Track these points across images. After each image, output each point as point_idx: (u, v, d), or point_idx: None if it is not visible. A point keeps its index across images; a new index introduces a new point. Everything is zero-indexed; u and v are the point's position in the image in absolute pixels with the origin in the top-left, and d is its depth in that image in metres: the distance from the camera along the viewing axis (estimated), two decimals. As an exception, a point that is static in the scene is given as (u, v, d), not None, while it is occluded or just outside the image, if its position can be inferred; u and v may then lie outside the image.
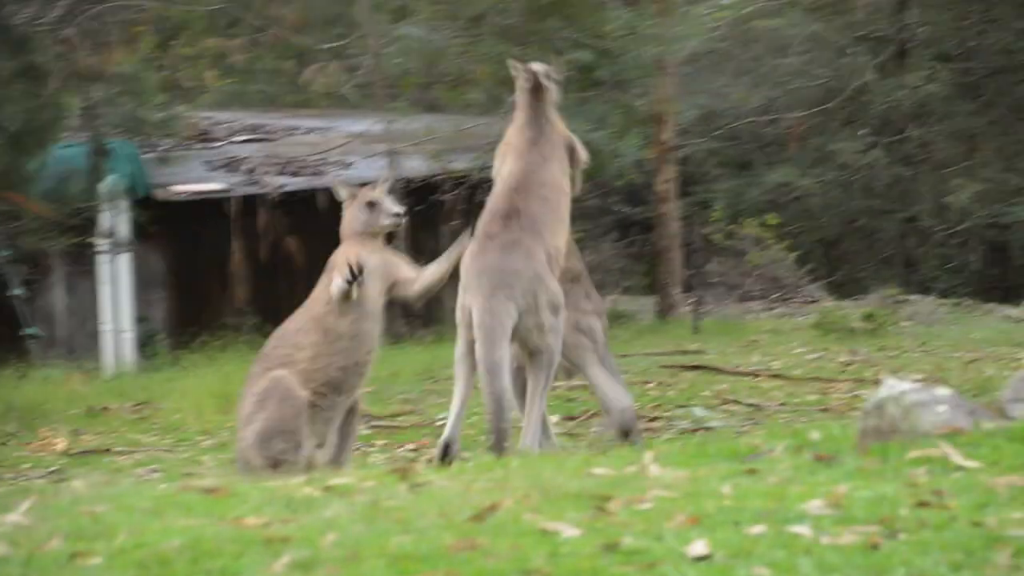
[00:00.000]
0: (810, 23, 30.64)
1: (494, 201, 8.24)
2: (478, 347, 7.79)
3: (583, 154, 8.87)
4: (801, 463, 5.67)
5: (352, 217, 8.88)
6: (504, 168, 8.45)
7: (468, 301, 7.93)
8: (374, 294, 8.68)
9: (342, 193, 8.99)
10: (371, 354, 8.63)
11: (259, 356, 8.67)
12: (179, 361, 18.31)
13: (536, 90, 8.65)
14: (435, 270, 8.72)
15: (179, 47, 27.27)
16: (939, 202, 30.15)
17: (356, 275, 8.36)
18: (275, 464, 8.21)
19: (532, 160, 8.33)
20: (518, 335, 7.89)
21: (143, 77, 19.48)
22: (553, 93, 8.79)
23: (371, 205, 8.88)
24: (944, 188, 30.00)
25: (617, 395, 8.73)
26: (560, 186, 8.34)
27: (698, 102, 28.44)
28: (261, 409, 8.36)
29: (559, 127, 8.70)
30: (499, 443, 7.65)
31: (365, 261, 8.57)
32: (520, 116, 8.66)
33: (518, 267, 7.97)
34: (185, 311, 20.20)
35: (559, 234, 8.22)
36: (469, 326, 7.95)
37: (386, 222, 8.88)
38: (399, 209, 8.91)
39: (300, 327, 8.58)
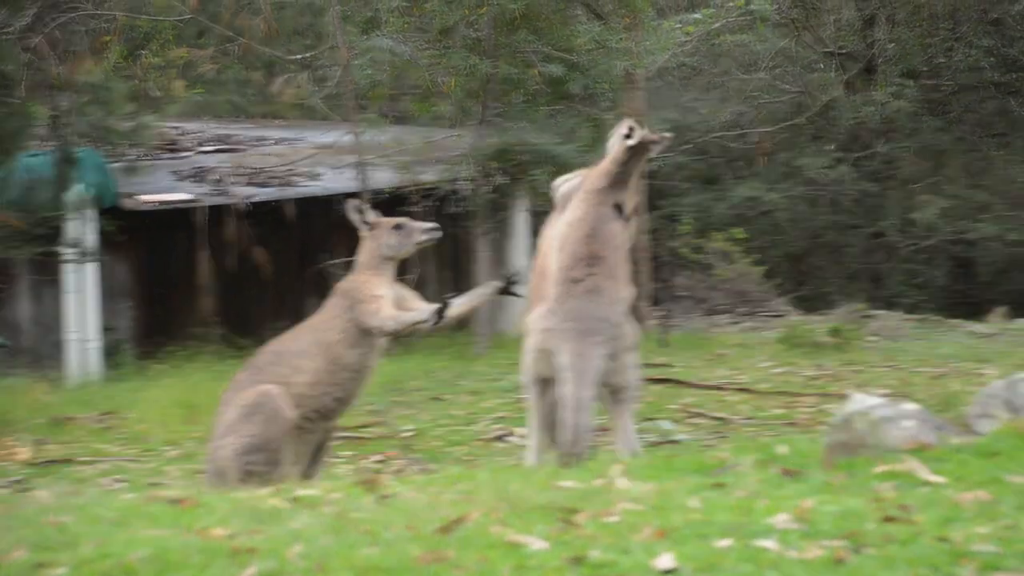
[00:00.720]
0: (778, 39, 30.75)
1: (574, 245, 8.30)
2: (567, 386, 7.90)
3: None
4: (768, 477, 5.68)
5: (379, 244, 8.85)
6: (577, 209, 8.49)
7: (553, 344, 8.00)
8: None
9: (367, 218, 8.95)
10: (365, 386, 8.64)
11: (250, 365, 8.60)
12: (145, 371, 18.24)
13: (637, 148, 8.71)
14: (457, 309, 8.72)
15: (147, 57, 27.19)
16: (905, 218, 30.25)
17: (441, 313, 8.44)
18: (248, 475, 8.18)
19: (607, 211, 8.43)
20: (603, 376, 8.01)
21: (111, 86, 19.38)
22: (647, 157, 8.87)
23: (399, 227, 8.87)
24: (910, 204, 30.11)
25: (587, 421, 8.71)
26: (626, 238, 8.48)
27: (667, 116, 28.49)
28: (247, 423, 8.30)
29: (636, 186, 8.83)
30: (569, 462, 7.75)
31: (384, 292, 8.61)
32: (608, 163, 8.71)
33: (605, 313, 8.17)
34: (151, 321, 20.14)
35: (628, 281, 8.37)
36: (545, 365, 8.04)
37: (423, 238, 8.87)
38: (431, 224, 8.91)
39: (303, 350, 8.52)
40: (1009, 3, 29.87)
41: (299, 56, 23.86)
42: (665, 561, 4.51)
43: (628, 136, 8.71)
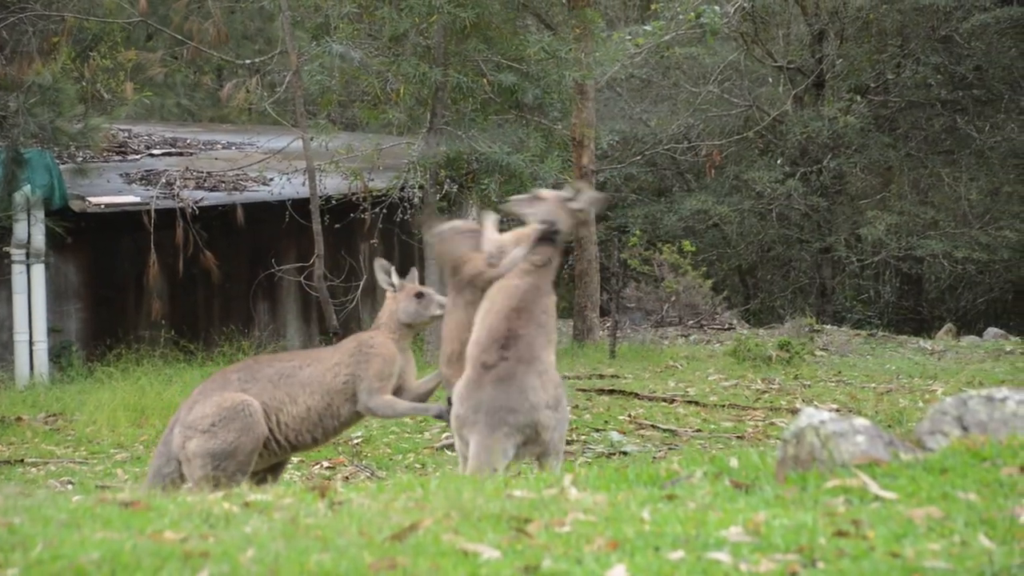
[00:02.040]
0: (728, 52, 30.87)
1: (492, 320, 8.10)
2: (469, 470, 7.81)
3: None
4: (720, 490, 5.69)
5: (399, 308, 8.87)
6: (515, 276, 8.30)
7: (463, 432, 7.90)
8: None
9: (393, 279, 8.96)
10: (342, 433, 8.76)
11: (246, 368, 8.58)
12: (93, 373, 18.16)
13: (580, 213, 8.58)
14: (409, 408, 8.73)
15: (97, 59, 27.09)
16: (854, 233, 30.42)
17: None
18: (211, 480, 8.16)
19: (537, 283, 8.26)
20: (520, 454, 7.93)
21: (60, 88, 19.30)
22: (575, 223, 8.70)
23: (420, 296, 8.90)
24: (859, 219, 30.29)
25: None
26: (553, 311, 8.32)
27: (617, 127, 28.57)
28: (222, 428, 8.28)
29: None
30: None
31: (392, 368, 8.63)
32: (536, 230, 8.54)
33: (514, 403, 7.88)
34: (100, 323, 20.04)
35: (551, 350, 8.20)
36: (464, 442, 7.97)
37: (437, 312, 8.88)
38: (444, 299, 8.90)
39: (305, 383, 8.52)
40: (958, 20, 30.07)
41: (249, 61, 23.80)
42: (618, 572, 4.51)
43: (572, 199, 8.56)
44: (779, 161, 30.91)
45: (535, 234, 8.35)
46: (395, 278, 8.97)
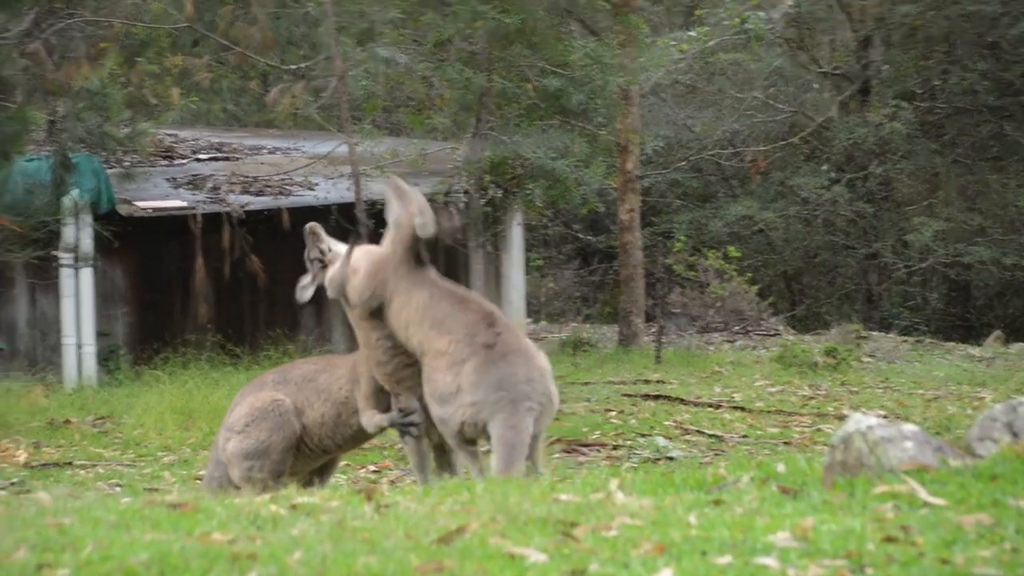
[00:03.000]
0: (774, 58, 30.79)
1: (452, 311, 8.06)
2: (499, 460, 7.73)
3: None
4: (767, 495, 5.67)
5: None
6: (415, 291, 8.29)
7: (483, 417, 7.82)
8: None
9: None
10: (364, 441, 8.72)
11: (280, 370, 8.61)
12: (140, 376, 18.24)
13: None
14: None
15: (144, 64, 27.19)
16: (900, 239, 30.28)
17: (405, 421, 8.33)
18: (247, 481, 8.18)
19: (445, 282, 8.40)
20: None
21: (108, 93, 19.42)
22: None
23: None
24: (906, 226, 30.14)
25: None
26: None
27: (661, 133, 28.53)
28: (254, 426, 8.30)
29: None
30: None
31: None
32: (401, 246, 8.60)
33: (531, 374, 7.89)
34: (147, 327, 20.12)
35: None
36: (472, 434, 7.92)
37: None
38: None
39: (321, 390, 8.50)
40: (1005, 27, 29.90)
41: (295, 66, 23.87)
42: (665, 576, 4.51)
43: (422, 226, 8.59)
44: (825, 167, 30.78)
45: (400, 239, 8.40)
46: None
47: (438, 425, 7.98)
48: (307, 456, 8.48)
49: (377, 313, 8.27)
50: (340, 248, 8.79)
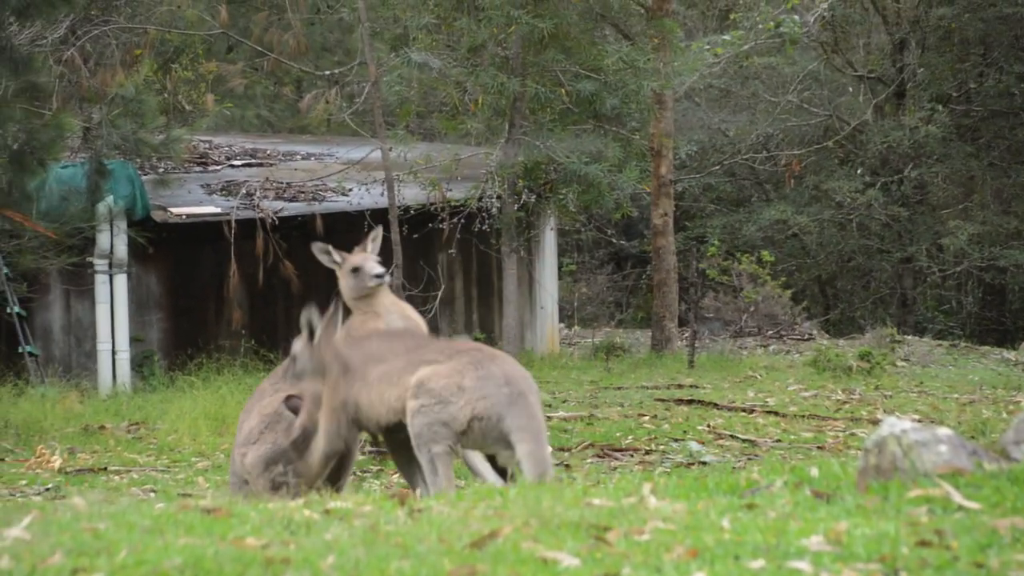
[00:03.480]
0: (808, 61, 30.74)
1: (430, 341, 8.33)
2: (533, 446, 7.77)
3: None
4: (800, 499, 5.65)
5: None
6: (372, 341, 8.40)
7: (496, 411, 7.86)
8: None
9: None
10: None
11: (273, 373, 8.64)
12: (175, 382, 18.27)
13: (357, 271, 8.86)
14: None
15: (178, 71, 27.33)
16: (935, 243, 30.18)
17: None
18: (276, 487, 8.19)
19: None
20: None
21: (143, 99, 19.48)
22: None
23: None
24: (941, 229, 30.04)
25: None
26: None
27: (695, 137, 28.53)
28: (269, 432, 8.32)
29: None
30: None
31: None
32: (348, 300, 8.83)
33: (524, 371, 8.07)
34: (181, 333, 20.18)
35: None
36: (480, 436, 7.96)
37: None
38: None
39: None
40: (1043, 30, 29.86)
41: (328, 72, 23.94)
42: (698, 580, 4.51)
43: (338, 263, 8.76)
44: (859, 171, 30.72)
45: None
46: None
47: (437, 428, 7.97)
48: None
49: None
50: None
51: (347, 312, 8.79)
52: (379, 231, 9.38)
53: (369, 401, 8.08)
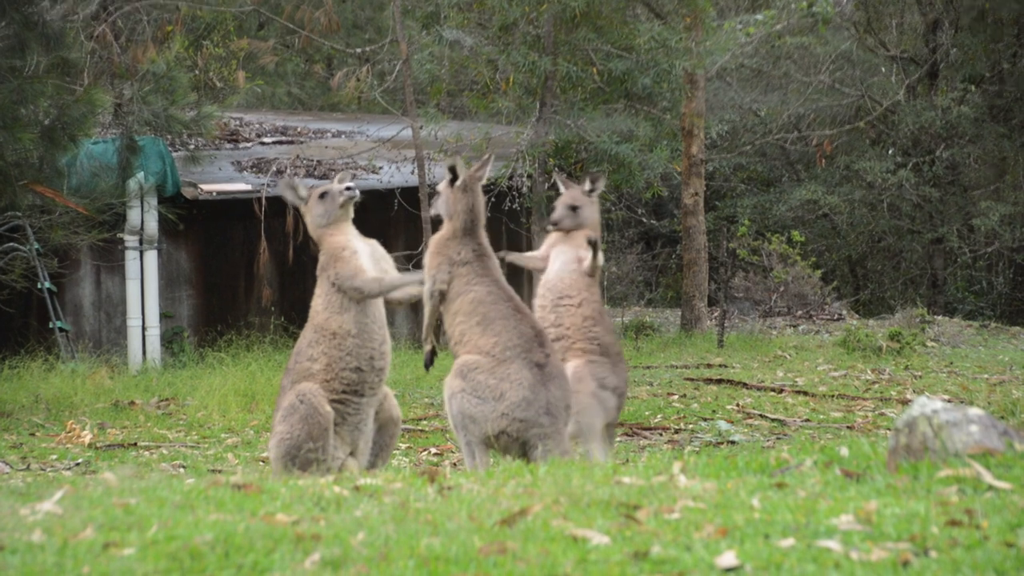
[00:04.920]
0: (840, 42, 30.63)
1: (510, 323, 8.25)
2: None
3: None
4: (830, 478, 5.65)
5: (315, 214, 8.81)
6: (473, 286, 8.40)
7: (530, 435, 8.05)
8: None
9: (300, 193, 8.91)
10: (383, 347, 8.56)
11: (285, 371, 8.65)
12: (204, 359, 18.32)
13: (468, 185, 8.79)
14: (396, 279, 8.60)
15: (209, 47, 27.35)
16: (967, 224, 30.08)
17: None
18: (303, 466, 8.20)
19: (499, 275, 8.51)
20: None
21: (175, 76, 19.51)
22: (480, 186, 9.02)
23: (323, 196, 8.81)
24: (972, 210, 29.93)
25: None
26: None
27: (727, 117, 28.45)
28: (284, 423, 8.34)
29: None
30: None
31: (357, 246, 8.60)
32: (450, 219, 8.70)
33: (568, 399, 8.25)
34: (211, 309, 20.23)
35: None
36: (511, 446, 8.08)
37: (341, 199, 8.76)
38: (350, 184, 8.84)
39: (309, 340, 8.52)
40: (1077, 9, 29.69)
41: (359, 50, 23.92)
42: (727, 559, 4.50)
43: (453, 179, 8.70)
44: (891, 151, 30.62)
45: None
46: (302, 190, 8.91)
47: (468, 422, 8.04)
48: (350, 415, 8.43)
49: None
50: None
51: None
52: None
53: (447, 309, 8.30)
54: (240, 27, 29.21)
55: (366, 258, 8.62)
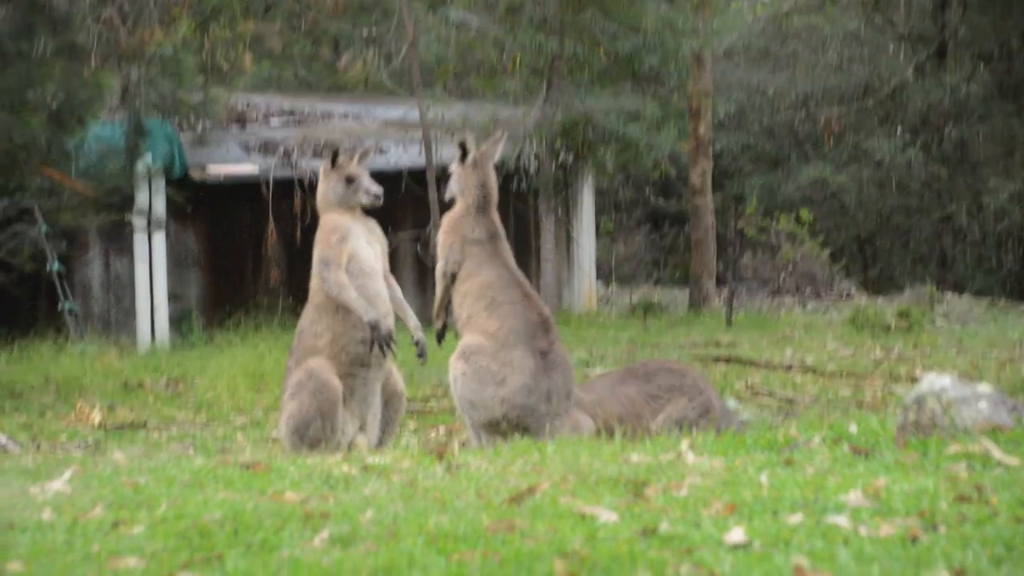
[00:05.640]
0: (848, 20, 30.58)
1: (517, 308, 8.30)
2: None
3: None
4: (839, 455, 5.66)
5: (331, 190, 8.79)
6: (483, 267, 8.41)
7: (531, 422, 8.10)
8: (371, 255, 8.66)
9: (330, 160, 8.88)
10: (388, 318, 8.57)
11: (290, 351, 8.66)
12: (213, 339, 18.34)
13: (480, 162, 8.80)
14: (353, 300, 8.58)
15: (216, 29, 27.33)
16: (975, 202, 30.04)
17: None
18: (312, 445, 8.21)
19: (508, 257, 8.52)
20: None
21: (181, 58, 19.52)
22: (493, 163, 9.03)
23: (349, 181, 8.79)
24: (981, 188, 29.89)
25: None
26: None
27: (734, 96, 28.42)
28: (294, 400, 8.34)
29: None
30: None
31: (352, 228, 8.60)
32: (464, 197, 8.72)
33: (570, 386, 8.25)
34: (219, 291, 20.25)
35: None
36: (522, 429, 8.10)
37: (364, 200, 8.77)
38: (378, 190, 8.84)
39: (311, 319, 8.55)
40: (1086, -14, 29.61)
41: (366, 31, 23.91)
42: (736, 535, 4.50)
43: (464, 157, 8.71)
44: (899, 130, 30.57)
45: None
46: (327, 162, 8.88)
47: (468, 407, 8.07)
48: (357, 389, 8.43)
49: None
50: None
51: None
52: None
53: (456, 289, 8.34)
54: (247, 9, 29.17)
55: (361, 242, 8.63)
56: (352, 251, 8.58)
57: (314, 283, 8.62)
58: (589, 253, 23.14)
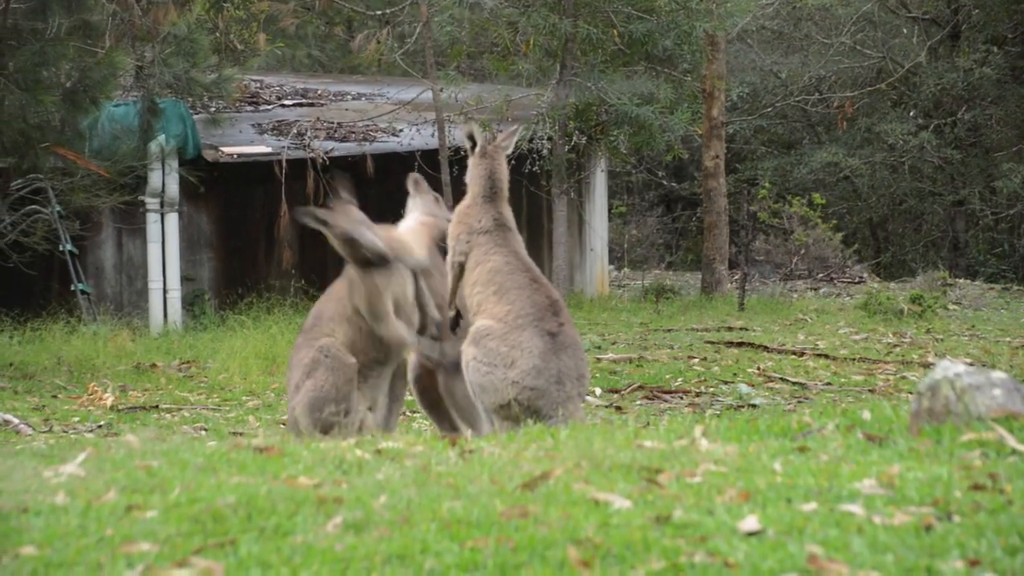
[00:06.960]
0: (862, 3, 30.51)
1: (525, 293, 8.19)
2: None
3: None
4: (852, 442, 5.64)
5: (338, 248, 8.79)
6: (490, 255, 8.38)
7: (542, 404, 7.99)
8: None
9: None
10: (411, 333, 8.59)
11: (301, 329, 8.63)
12: (225, 321, 18.37)
13: (490, 152, 8.74)
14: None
15: (230, 10, 27.33)
16: (988, 186, 29.98)
17: None
18: (325, 429, 8.21)
19: (518, 244, 8.47)
20: None
21: (195, 38, 19.53)
22: (505, 155, 8.96)
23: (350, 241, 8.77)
24: (994, 172, 29.83)
25: None
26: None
27: (747, 79, 28.36)
28: (310, 378, 8.33)
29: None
30: None
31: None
32: (473, 187, 8.68)
33: (582, 369, 8.16)
34: (232, 272, 20.26)
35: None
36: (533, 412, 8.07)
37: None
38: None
39: (331, 315, 8.52)
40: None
41: (380, 12, 23.88)
42: (749, 523, 4.49)
43: (472, 146, 8.66)
44: (912, 113, 30.52)
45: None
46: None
47: (480, 392, 8.04)
48: (371, 376, 8.44)
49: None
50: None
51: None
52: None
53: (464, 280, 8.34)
54: (261, -11, 29.18)
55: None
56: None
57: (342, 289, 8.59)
58: (601, 236, 23.13)
